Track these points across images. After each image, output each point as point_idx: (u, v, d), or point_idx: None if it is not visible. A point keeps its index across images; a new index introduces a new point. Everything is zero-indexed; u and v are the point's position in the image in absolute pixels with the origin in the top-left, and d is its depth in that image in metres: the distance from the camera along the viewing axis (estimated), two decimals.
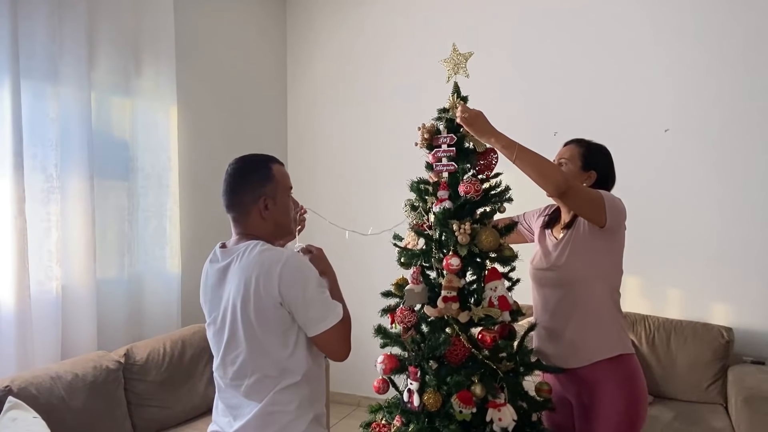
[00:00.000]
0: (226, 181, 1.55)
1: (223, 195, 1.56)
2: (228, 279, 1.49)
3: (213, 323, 1.55)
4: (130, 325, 2.95)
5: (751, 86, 3.07)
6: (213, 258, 1.57)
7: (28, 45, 2.46)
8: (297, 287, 1.42)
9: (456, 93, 1.92)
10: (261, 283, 1.41)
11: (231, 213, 1.56)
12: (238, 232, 1.56)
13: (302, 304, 1.43)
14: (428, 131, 1.92)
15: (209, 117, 3.59)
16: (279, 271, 1.41)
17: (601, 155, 1.95)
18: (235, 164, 1.57)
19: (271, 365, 1.45)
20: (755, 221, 3.07)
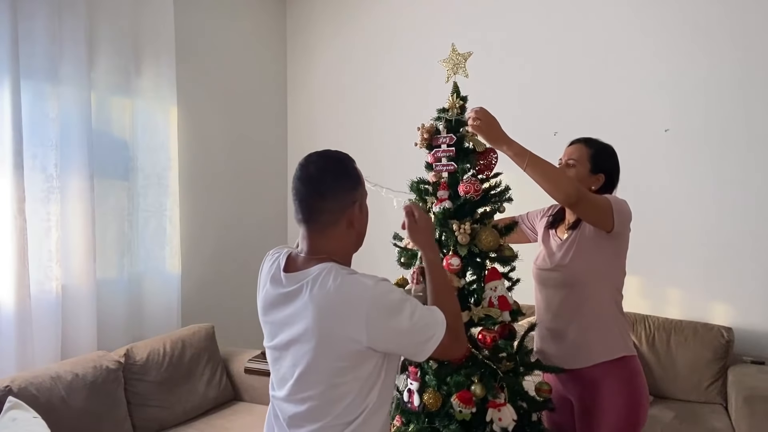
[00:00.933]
0: (308, 185, 1.27)
1: (301, 202, 1.27)
2: (296, 312, 1.22)
3: (275, 349, 1.30)
4: (130, 325, 2.95)
5: (752, 86, 3.06)
6: (274, 278, 1.29)
7: (28, 45, 2.46)
8: (391, 326, 1.19)
9: (455, 93, 1.92)
10: (343, 329, 1.18)
11: (309, 224, 1.27)
12: (310, 249, 1.28)
13: (400, 338, 1.21)
14: (428, 131, 1.92)
15: (209, 117, 3.59)
16: (366, 313, 1.17)
17: (610, 156, 1.92)
18: (319, 163, 1.31)
19: (345, 414, 1.22)
20: (755, 221, 3.07)
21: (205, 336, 3.02)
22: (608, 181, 1.90)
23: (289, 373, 1.26)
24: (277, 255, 1.35)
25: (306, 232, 1.28)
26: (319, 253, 1.27)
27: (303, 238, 1.30)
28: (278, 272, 1.29)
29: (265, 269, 1.35)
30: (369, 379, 1.22)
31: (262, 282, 1.35)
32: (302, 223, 1.28)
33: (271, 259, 1.36)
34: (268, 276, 1.32)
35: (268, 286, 1.30)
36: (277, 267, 1.30)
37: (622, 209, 1.79)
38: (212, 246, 3.61)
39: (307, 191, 1.27)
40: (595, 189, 1.89)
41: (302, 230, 1.29)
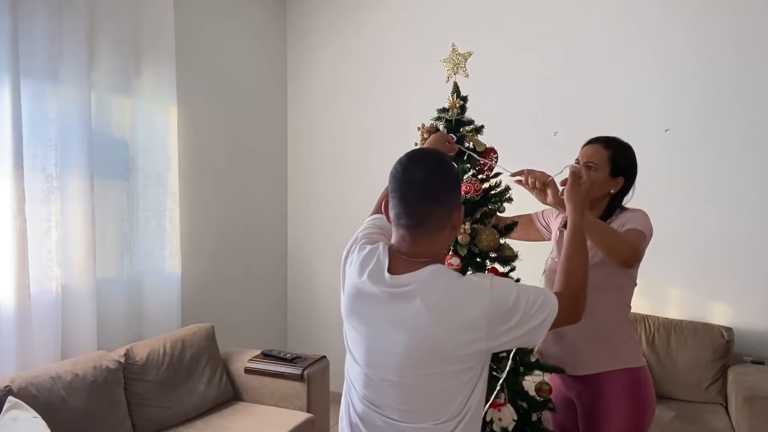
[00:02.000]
0: (416, 190, 1.20)
1: (408, 208, 1.20)
2: (406, 316, 1.17)
3: (372, 350, 1.25)
4: (130, 325, 2.95)
5: (753, 86, 3.07)
6: (376, 276, 1.22)
7: (28, 45, 2.46)
8: (509, 326, 1.17)
9: (456, 93, 1.92)
10: (461, 334, 1.15)
11: (416, 230, 1.21)
12: (414, 252, 1.22)
13: (517, 333, 1.18)
14: (428, 131, 1.92)
15: (209, 117, 3.59)
16: (486, 315, 1.15)
17: (630, 158, 1.87)
18: (426, 165, 1.23)
19: (451, 416, 1.20)
20: (755, 221, 3.07)
21: (205, 336, 3.02)
22: (626, 183, 1.86)
23: (392, 374, 1.20)
24: (370, 250, 1.28)
25: (409, 236, 1.23)
26: (422, 256, 1.22)
27: (403, 239, 1.24)
28: (381, 271, 1.22)
29: (355, 262, 1.28)
30: (472, 379, 1.21)
31: (352, 273, 1.27)
32: (406, 228, 1.22)
33: (361, 254, 1.29)
34: (363, 271, 1.25)
35: (365, 280, 1.23)
36: (378, 266, 1.24)
37: (650, 234, 1.75)
38: (212, 246, 3.61)
39: (416, 197, 1.20)
40: (614, 192, 1.85)
41: (403, 232, 1.23)
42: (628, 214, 1.84)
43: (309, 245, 4.27)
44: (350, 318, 1.28)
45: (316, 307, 4.23)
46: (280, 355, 3.04)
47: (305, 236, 4.29)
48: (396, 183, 1.24)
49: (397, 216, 1.23)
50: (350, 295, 1.27)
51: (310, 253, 4.26)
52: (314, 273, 4.24)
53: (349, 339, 1.31)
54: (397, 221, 1.24)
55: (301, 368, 2.92)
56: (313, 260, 4.25)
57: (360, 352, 1.26)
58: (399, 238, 1.25)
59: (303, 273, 4.29)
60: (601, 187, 1.82)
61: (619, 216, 1.84)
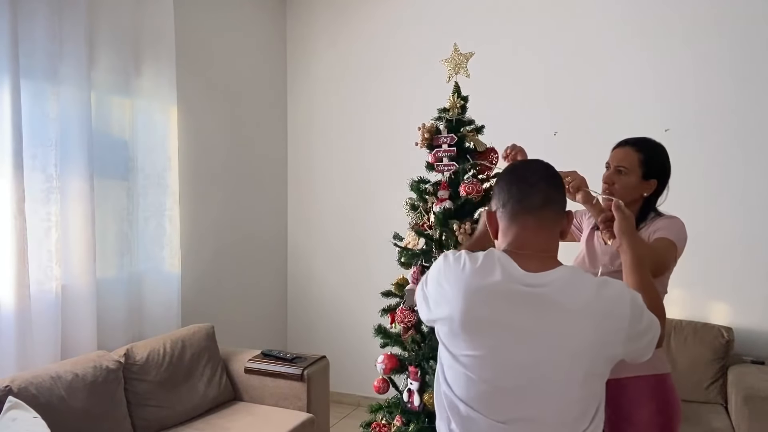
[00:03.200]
0: (542, 173, 1.21)
1: (533, 186, 1.19)
2: (543, 316, 1.11)
3: (496, 353, 1.14)
4: (130, 325, 2.95)
5: (753, 86, 3.07)
6: (508, 273, 1.14)
7: (28, 45, 2.46)
8: (640, 331, 1.14)
9: (456, 93, 1.93)
10: (605, 336, 1.11)
11: (543, 211, 1.19)
12: (539, 243, 1.19)
13: (641, 342, 1.15)
14: (428, 131, 1.93)
15: (209, 117, 3.59)
16: (629, 319, 1.11)
17: (662, 160, 1.81)
18: (544, 163, 1.25)
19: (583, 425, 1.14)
20: (755, 221, 3.07)
21: (205, 336, 3.02)
22: (659, 185, 1.81)
23: (523, 380, 1.12)
24: (485, 255, 1.19)
25: (534, 222, 1.18)
26: (548, 251, 1.19)
27: (525, 229, 1.18)
28: (513, 269, 1.15)
29: (470, 267, 1.17)
30: (603, 389, 1.17)
31: (472, 278, 1.15)
32: (530, 212, 1.18)
33: (474, 260, 1.18)
34: (489, 271, 1.15)
35: (498, 280, 1.13)
36: (507, 264, 1.15)
37: (683, 244, 1.70)
38: (212, 246, 3.61)
39: (539, 179, 1.20)
40: (647, 195, 1.79)
41: (525, 220, 1.19)
42: (663, 221, 1.77)
43: (309, 245, 4.27)
44: (470, 331, 1.15)
45: (316, 307, 4.23)
46: (280, 355, 3.04)
47: (305, 236, 4.28)
48: (517, 172, 1.24)
49: (520, 200, 1.19)
50: (474, 301, 1.14)
51: (310, 252, 4.26)
52: (314, 273, 4.24)
53: (462, 361, 1.16)
54: (519, 205, 1.19)
55: (301, 368, 2.92)
56: (313, 260, 4.25)
57: (487, 366, 1.14)
58: (519, 229, 1.19)
59: (303, 273, 4.29)
60: (633, 191, 1.76)
61: (653, 222, 1.78)
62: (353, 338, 3.94)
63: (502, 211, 1.22)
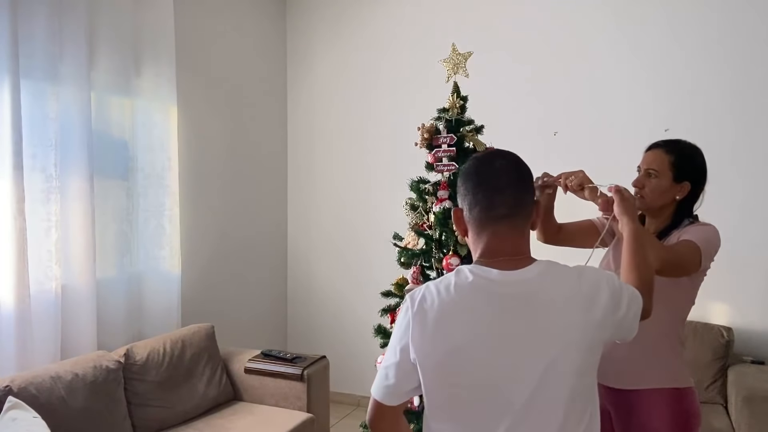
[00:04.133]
0: (511, 174, 1.15)
1: (501, 192, 1.13)
2: (530, 318, 1.07)
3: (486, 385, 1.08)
4: (129, 324, 2.95)
5: (752, 86, 3.07)
6: (482, 279, 1.10)
7: (28, 45, 2.46)
8: (622, 304, 1.13)
9: (456, 93, 1.93)
10: (595, 323, 1.09)
11: (515, 219, 1.14)
12: (516, 250, 1.14)
13: (625, 320, 1.15)
14: (428, 131, 1.93)
15: (209, 117, 3.59)
16: (609, 297, 1.11)
17: (694, 161, 1.75)
18: (508, 156, 1.18)
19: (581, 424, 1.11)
20: (755, 221, 3.07)
21: (205, 336, 3.02)
22: (694, 188, 1.75)
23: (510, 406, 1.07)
24: (448, 277, 1.14)
25: (505, 230, 1.13)
26: (523, 253, 1.14)
27: (495, 236, 1.13)
28: (488, 273, 1.10)
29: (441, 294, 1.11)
30: (595, 381, 1.15)
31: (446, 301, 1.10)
32: (501, 220, 1.13)
33: (440, 285, 1.13)
34: (460, 287, 1.10)
35: (469, 293, 1.09)
36: (481, 272, 1.11)
37: (711, 250, 1.64)
38: (212, 246, 3.61)
39: (506, 183, 1.13)
40: (680, 198, 1.74)
41: (495, 228, 1.13)
42: (695, 227, 1.72)
43: (309, 245, 4.27)
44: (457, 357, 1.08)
45: (316, 307, 4.23)
46: (280, 355, 3.04)
47: (305, 236, 4.28)
48: (482, 175, 1.15)
49: (487, 208, 1.13)
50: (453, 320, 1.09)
51: (310, 252, 4.26)
52: (314, 273, 4.24)
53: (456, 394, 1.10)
54: (486, 214, 1.13)
55: (301, 368, 2.92)
56: (313, 260, 4.25)
57: (481, 389, 1.08)
58: (490, 237, 1.14)
59: (303, 273, 4.29)
60: (664, 194, 1.71)
61: (686, 228, 1.72)
62: (353, 338, 3.94)
63: (468, 216, 1.17)
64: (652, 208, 1.75)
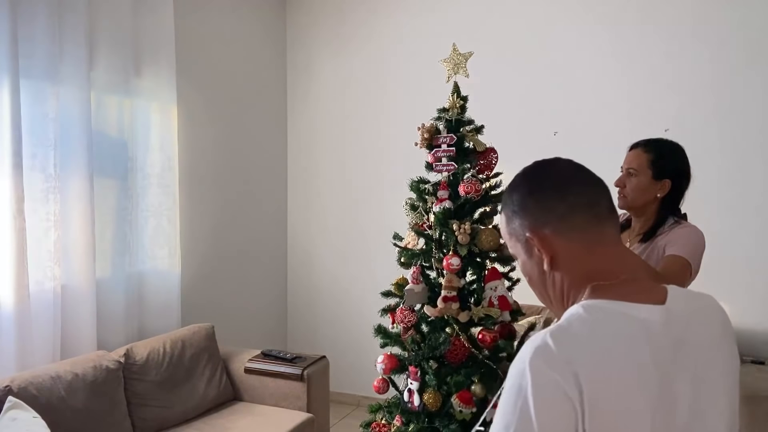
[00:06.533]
0: (595, 177, 0.91)
1: (602, 194, 0.89)
2: (692, 356, 0.82)
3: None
4: (129, 324, 2.95)
5: (753, 86, 3.07)
6: (648, 319, 0.80)
7: (28, 45, 2.46)
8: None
9: (456, 93, 1.93)
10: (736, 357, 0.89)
11: (615, 220, 0.90)
12: (627, 265, 0.90)
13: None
14: (428, 131, 1.93)
15: (209, 117, 3.59)
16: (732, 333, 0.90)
17: (674, 159, 1.76)
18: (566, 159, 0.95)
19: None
20: (755, 221, 3.07)
21: (205, 336, 3.02)
22: (676, 186, 1.76)
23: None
24: (589, 311, 0.81)
25: (616, 237, 0.89)
26: (637, 271, 0.91)
27: (608, 246, 0.87)
28: (639, 311, 0.81)
29: (584, 334, 0.78)
30: None
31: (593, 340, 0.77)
32: (608, 219, 0.88)
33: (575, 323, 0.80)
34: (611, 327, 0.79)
35: (640, 353, 0.78)
36: (627, 310, 0.81)
37: (698, 256, 1.65)
38: (212, 246, 3.61)
39: (603, 190, 0.90)
40: (661, 196, 1.75)
41: (605, 236, 0.88)
42: (680, 230, 1.73)
43: (309, 245, 4.27)
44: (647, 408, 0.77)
45: (316, 307, 4.23)
46: (280, 355, 3.04)
47: (305, 236, 4.28)
48: (560, 174, 0.91)
49: (588, 205, 0.87)
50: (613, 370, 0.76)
51: (310, 252, 4.26)
52: (314, 273, 4.24)
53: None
54: (590, 211, 0.87)
55: (301, 368, 2.92)
56: (313, 260, 4.25)
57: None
58: (603, 248, 0.87)
59: (303, 273, 4.29)
60: (645, 193, 1.73)
61: (670, 231, 1.73)
62: (353, 338, 3.94)
63: (559, 226, 0.87)
64: (634, 207, 1.78)
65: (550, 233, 0.88)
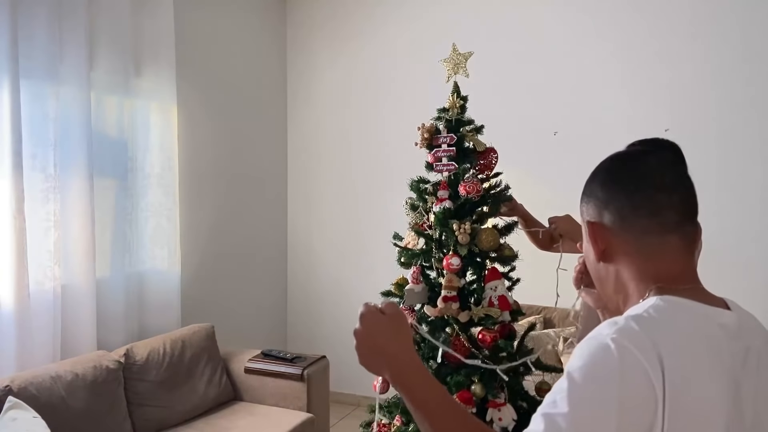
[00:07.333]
0: (676, 168, 0.85)
1: (693, 197, 0.85)
2: (755, 366, 0.79)
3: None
4: (129, 324, 2.95)
5: (752, 86, 3.07)
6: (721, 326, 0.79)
7: (28, 45, 2.46)
8: None
9: (456, 93, 1.93)
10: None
11: (684, 229, 0.84)
12: (695, 277, 0.87)
13: None
14: (428, 131, 1.92)
15: (209, 117, 3.59)
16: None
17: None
18: (670, 149, 0.88)
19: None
20: (755, 221, 3.07)
21: (205, 336, 3.02)
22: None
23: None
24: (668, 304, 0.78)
25: (693, 243, 0.86)
26: (699, 281, 0.87)
27: (685, 252, 0.84)
28: (717, 320, 0.80)
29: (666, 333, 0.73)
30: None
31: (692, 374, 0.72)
32: (692, 222, 0.84)
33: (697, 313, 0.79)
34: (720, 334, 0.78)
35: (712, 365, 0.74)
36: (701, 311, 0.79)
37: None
38: (212, 246, 3.61)
39: (692, 185, 0.85)
40: None
41: (686, 240, 0.84)
42: None
43: (309, 245, 4.27)
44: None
45: (316, 307, 4.23)
46: (280, 355, 3.04)
47: (305, 235, 4.28)
48: (650, 181, 0.84)
49: (680, 207, 0.83)
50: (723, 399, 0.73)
51: (311, 252, 4.26)
52: (314, 273, 4.24)
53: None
54: (679, 216, 0.83)
55: (301, 368, 2.92)
56: (313, 260, 4.25)
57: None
58: (680, 252, 0.83)
59: (303, 273, 4.29)
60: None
61: None
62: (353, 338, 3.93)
63: (617, 223, 0.84)
64: None
65: (608, 227, 0.85)
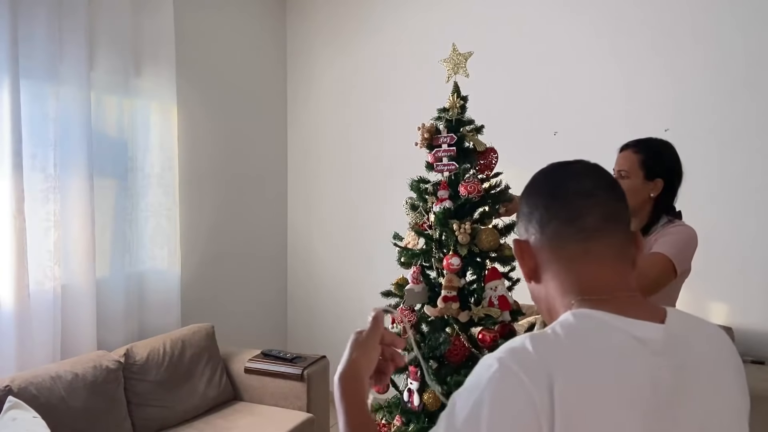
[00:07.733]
0: (613, 181, 0.85)
1: (586, 197, 0.81)
2: (694, 386, 0.78)
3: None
4: (129, 324, 2.95)
5: (752, 85, 3.06)
6: (634, 342, 0.73)
7: (28, 45, 2.46)
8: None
9: (456, 93, 1.93)
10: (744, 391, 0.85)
11: (624, 233, 0.82)
12: (627, 281, 0.80)
13: None
14: (428, 131, 1.93)
15: (209, 117, 3.59)
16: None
17: (666, 158, 1.74)
18: (591, 163, 0.87)
19: None
20: (755, 220, 3.07)
21: (205, 336, 3.02)
22: (668, 184, 1.73)
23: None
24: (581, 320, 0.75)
25: (607, 253, 0.80)
26: (635, 290, 0.81)
27: (600, 264, 0.79)
28: (638, 335, 0.74)
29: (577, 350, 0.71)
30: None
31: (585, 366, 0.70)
32: (597, 236, 0.80)
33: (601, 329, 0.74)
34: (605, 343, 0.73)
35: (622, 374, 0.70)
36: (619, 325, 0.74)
37: (685, 255, 1.62)
38: (212, 246, 3.61)
39: (600, 184, 0.82)
40: (655, 195, 1.73)
41: (591, 248, 0.79)
42: (671, 229, 1.69)
43: (309, 245, 4.27)
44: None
45: (316, 307, 4.23)
46: (280, 355, 3.04)
47: (305, 235, 4.28)
48: (555, 180, 0.85)
49: (567, 220, 0.80)
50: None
51: (310, 252, 4.26)
52: (314, 273, 4.24)
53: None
54: (568, 228, 0.80)
55: (301, 368, 2.92)
56: (313, 260, 4.25)
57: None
58: (583, 272, 0.79)
59: (303, 273, 4.29)
60: (637, 194, 1.70)
61: (662, 230, 1.71)
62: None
63: (540, 239, 0.83)
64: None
65: (531, 243, 0.84)
